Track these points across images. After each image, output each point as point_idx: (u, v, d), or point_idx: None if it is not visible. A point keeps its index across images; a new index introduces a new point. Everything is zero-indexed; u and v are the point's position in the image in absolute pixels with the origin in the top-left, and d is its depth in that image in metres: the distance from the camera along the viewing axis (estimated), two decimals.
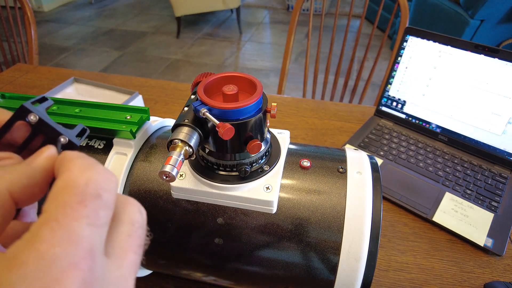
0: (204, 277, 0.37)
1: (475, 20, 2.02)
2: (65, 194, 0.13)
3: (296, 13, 1.10)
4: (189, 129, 0.27)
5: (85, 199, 0.13)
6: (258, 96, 0.28)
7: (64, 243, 0.12)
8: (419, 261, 0.50)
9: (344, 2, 3.62)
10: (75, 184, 0.14)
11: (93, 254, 0.12)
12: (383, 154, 0.66)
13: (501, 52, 0.59)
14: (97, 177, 0.14)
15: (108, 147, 0.35)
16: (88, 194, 0.14)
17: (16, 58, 1.29)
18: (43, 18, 3.51)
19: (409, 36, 0.68)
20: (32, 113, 0.17)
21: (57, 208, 0.13)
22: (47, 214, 0.13)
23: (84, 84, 0.78)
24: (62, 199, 0.13)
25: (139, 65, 2.65)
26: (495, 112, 0.61)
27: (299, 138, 0.72)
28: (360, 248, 0.29)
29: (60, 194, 0.13)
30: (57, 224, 0.12)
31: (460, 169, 0.63)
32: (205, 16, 3.47)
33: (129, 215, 0.16)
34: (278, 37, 3.11)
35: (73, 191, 0.13)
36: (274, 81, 2.45)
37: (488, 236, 0.52)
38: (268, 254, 0.32)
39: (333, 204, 0.31)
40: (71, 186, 0.14)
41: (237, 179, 0.31)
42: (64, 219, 0.12)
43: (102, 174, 0.15)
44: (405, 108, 0.72)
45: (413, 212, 0.56)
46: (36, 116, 0.17)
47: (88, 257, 0.12)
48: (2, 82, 0.90)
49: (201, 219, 0.32)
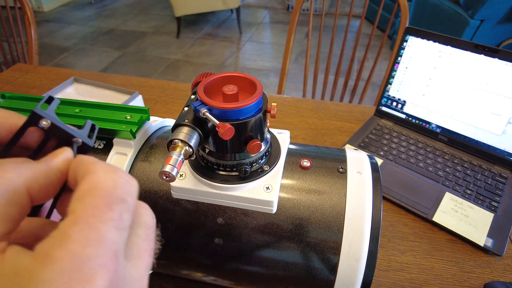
0: (204, 277, 0.37)
1: (475, 20, 2.02)
2: (93, 196, 0.14)
3: (296, 13, 1.10)
4: (189, 129, 0.27)
5: (112, 203, 0.14)
6: (258, 96, 0.28)
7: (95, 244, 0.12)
8: (419, 261, 0.50)
9: (344, 2, 3.62)
10: (103, 187, 0.14)
11: (117, 256, 0.13)
12: (383, 154, 0.66)
13: (501, 52, 0.59)
14: (122, 181, 0.15)
15: (108, 147, 0.35)
16: (115, 197, 0.14)
17: (16, 58, 1.29)
18: (43, 18, 3.51)
19: (409, 36, 0.68)
20: (44, 118, 0.17)
21: (86, 210, 0.13)
22: (76, 214, 0.13)
23: (84, 84, 0.78)
24: (90, 201, 0.14)
25: (139, 65, 2.65)
26: (495, 112, 0.61)
27: (299, 138, 0.72)
28: (360, 248, 0.29)
29: (88, 196, 0.14)
30: (87, 226, 0.13)
31: (460, 169, 0.63)
32: (205, 16, 3.47)
33: (144, 219, 0.17)
34: (278, 37, 3.11)
35: (101, 193, 0.14)
36: (274, 81, 2.45)
37: (488, 236, 0.52)
38: (268, 254, 0.32)
39: (333, 204, 0.31)
40: (99, 188, 0.14)
41: (237, 179, 0.31)
42: (94, 221, 0.13)
43: (126, 179, 0.15)
44: (405, 108, 0.72)
45: (413, 212, 0.56)
46: (48, 121, 0.17)
47: (114, 258, 0.13)
48: (2, 82, 0.90)
49: (201, 219, 0.32)
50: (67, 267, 0.11)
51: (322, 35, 1.15)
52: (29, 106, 0.36)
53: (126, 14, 3.61)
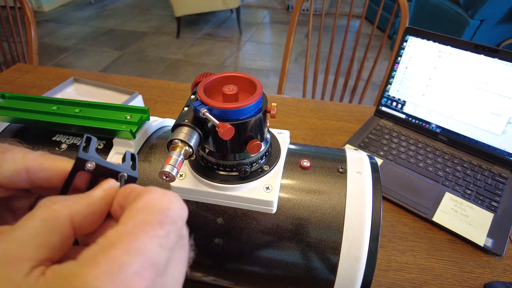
0: (204, 277, 0.37)
1: (475, 20, 2.02)
2: (148, 213, 0.15)
3: (296, 13, 1.10)
4: (189, 129, 0.27)
5: (164, 222, 0.15)
6: (258, 96, 0.28)
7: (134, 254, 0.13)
8: (419, 261, 0.50)
9: (344, 2, 3.62)
10: (159, 206, 0.15)
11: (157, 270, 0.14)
12: (383, 154, 0.66)
13: (501, 52, 0.59)
14: (177, 204, 0.16)
15: (108, 147, 0.35)
16: (168, 217, 0.15)
17: (16, 58, 1.29)
18: (43, 18, 3.51)
19: (409, 36, 0.68)
20: (88, 161, 0.18)
21: (135, 223, 0.14)
22: (125, 226, 0.14)
23: (84, 84, 0.78)
24: (143, 216, 0.14)
25: (139, 65, 2.65)
26: (495, 112, 0.61)
27: (299, 138, 0.72)
28: (360, 248, 0.29)
29: (142, 212, 0.15)
30: (132, 237, 0.14)
31: (460, 169, 0.63)
32: (205, 16, 3.47)
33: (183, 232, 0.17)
34: (278, 37, 3.11)
35: (155, 211, 0.15)
36: (274, 81, 2.45)
37: (488, 236, 0.52)
38: (268, 254, 0.32)
39: (333, 204, 0.31)
40: (154, 206, 0.15)
41: (237, 179, 0.31)
42: (140, 234, 0.14)
43: (179, 203, 0.16)
44: (405, 108, 0.72)
45: (413, 212, 0.56)
46: (92, 163, 0.18)
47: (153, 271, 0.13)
48: (2, 82, 0.90)
49: (201, 219, 0.32)
50: (105, 270, 0.12)
51: (322, 35, 1.15)
52: (29, 106, 0.36)
53: (126, 14, 3.61)
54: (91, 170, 0.18)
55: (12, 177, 0.18)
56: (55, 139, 0.36)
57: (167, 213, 0.15)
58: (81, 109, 0.36)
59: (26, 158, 0.18)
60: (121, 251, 0.13)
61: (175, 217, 0.15)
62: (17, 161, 0.18)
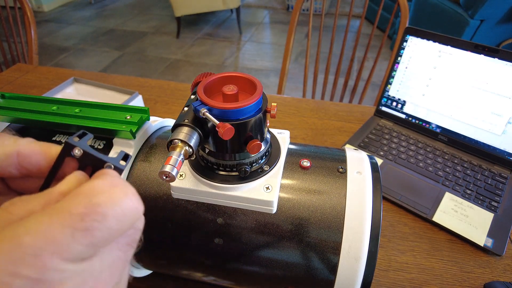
0: (204, 277, 0.37)
1: (475, 20, 2.02)
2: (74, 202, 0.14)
3: (296, 13, 1.10)
4: (189, 129, 0.27)
5: (87, 213, 0.14)
6: (258, 96, 0.28)
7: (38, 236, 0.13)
8: (419, 261, 0.50)
9: (344, 2, 3.62)
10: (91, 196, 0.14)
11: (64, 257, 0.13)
12: (383, 154, 0.66)
13: (501, 52, 0.59)
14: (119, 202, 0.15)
15: (108, 147, 0.35)
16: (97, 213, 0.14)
17: (16, 58, 1.29)
18: (43, 18, 3.51)
19: (409, 36, 0.68)
20: (76, 147, 0.18)
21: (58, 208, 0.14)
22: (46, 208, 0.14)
23: (84, 84, 0.78)
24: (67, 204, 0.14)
25: (139, 65, 2.65)
26: (495, 112, 0.61)
27: (299, 138, 0.72)
28: (360, 248, 0.29)
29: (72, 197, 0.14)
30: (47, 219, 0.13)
31: (460, 169, 0.63)
32: (205, 16, 3.47)
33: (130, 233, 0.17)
34: (278, 37, 3.11)
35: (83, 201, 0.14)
36: (274, 81, 2.45)
37: (488, 236, 0.52)
38: (268, 254, 0.32)
39: (333, 204, 0.31)
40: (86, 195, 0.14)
41: (237, 179, 0.31)
42: (53, 219, 0.13)
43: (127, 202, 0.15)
44: (405, 108, 0.72)
45: (413, 212, 0.56)
46: (80, 150, 0.18)
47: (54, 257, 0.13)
48: (2, 82, 0.90)
49: (201, 219, 0.32)
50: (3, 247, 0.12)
51: (322, 35, 1.15)
52: (29, 106, 0.36)
53: (126, 14, 3.61)
54: (78, 156, 0.18)
55: (2, 161, 0.18)
56: (55, 139, 0.36)
57: (95, 208, 0.14)
58: (81, 109, 0.36)
59: (17, 143, 0.18)
60: (24, 229, 0.13)
61: (108, 215, 0.14)
62: (8, 145, 0.18)
